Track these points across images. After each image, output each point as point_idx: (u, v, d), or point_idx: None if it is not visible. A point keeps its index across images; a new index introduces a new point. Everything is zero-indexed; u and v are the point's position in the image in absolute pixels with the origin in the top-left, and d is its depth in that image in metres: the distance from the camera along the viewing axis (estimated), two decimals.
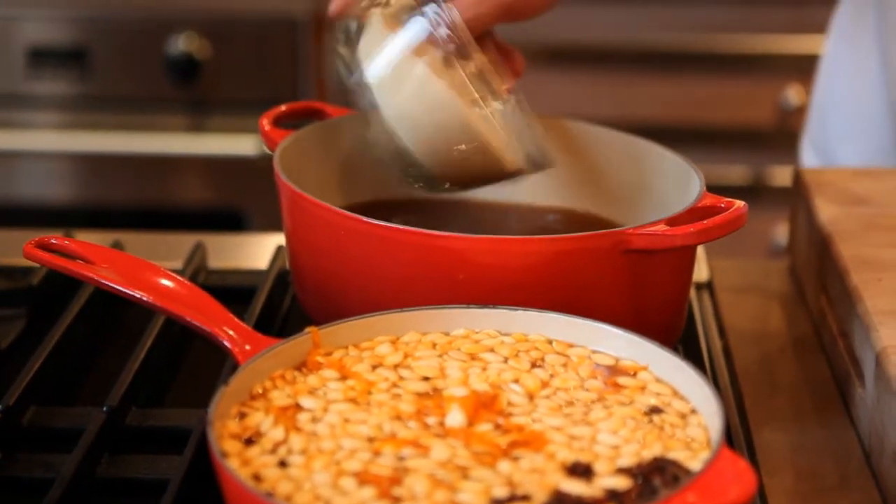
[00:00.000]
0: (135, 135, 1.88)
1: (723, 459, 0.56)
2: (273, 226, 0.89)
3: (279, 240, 0.92)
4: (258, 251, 0.98)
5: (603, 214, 0.86)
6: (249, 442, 0.60)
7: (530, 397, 0.64)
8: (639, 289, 0.73)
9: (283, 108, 0.87)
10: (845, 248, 0.86)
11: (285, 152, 0.81)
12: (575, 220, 0.86)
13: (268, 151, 0.82)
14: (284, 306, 0.89)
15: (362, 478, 0.57)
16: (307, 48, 1.87)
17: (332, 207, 0.74)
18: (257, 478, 0.58)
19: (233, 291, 0.85)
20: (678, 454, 0.59)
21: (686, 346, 0.82)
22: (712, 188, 0.76)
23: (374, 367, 0.66)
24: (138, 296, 0.72)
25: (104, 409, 0.73)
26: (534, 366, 0.66)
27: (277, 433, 0.60)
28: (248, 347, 0.67)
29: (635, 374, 0.66)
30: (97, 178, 1.94)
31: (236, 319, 0.70)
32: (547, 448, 0.60)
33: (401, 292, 0.71)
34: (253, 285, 0.88)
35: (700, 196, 0.75)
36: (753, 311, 0.93)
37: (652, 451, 0.59)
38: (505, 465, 0.58)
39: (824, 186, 0.95)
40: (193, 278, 0.89)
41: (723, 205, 0.74)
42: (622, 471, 0.58)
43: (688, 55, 1.98)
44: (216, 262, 0.95)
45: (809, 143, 1.24)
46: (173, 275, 0.73)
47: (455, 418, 0.62)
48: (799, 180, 0.98)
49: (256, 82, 1.87)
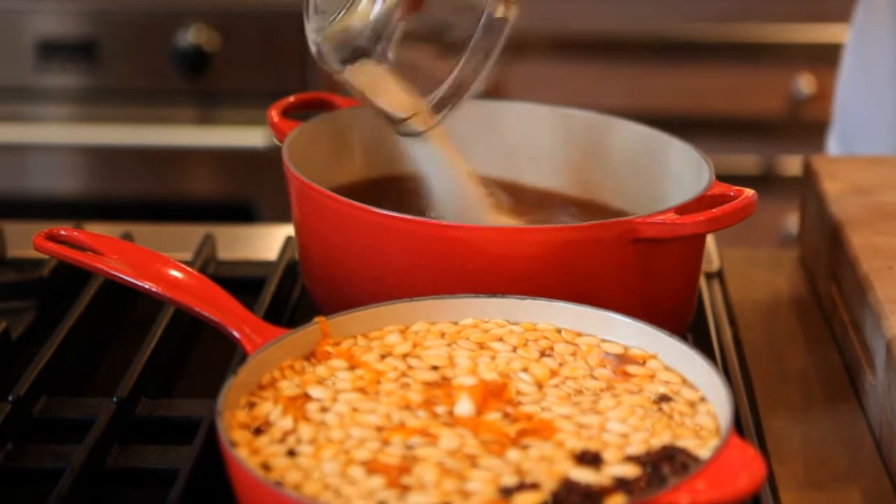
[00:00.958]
0: (144, 127, 1.88)
1: (732, 447, 0.56)
2: (282, 217, 0.89)
3: (288, 231, 0.92)
4: (267, 242, 0.98)
5: (612, 203, 0.86)
6: (258, 431, 0.60)
7: (539, 386, 0.64)
8: (648, 277, 0.73)
9: (292, 99, 0.87)
10: (856, 237, 0.86)
11: (294, 143, 0.81)
12: (584, 208, 0.86)
13: (277, 143, 0.83)
14: (294, 297, 0.89)
15: (371, 467, 0.57)
16: None
17: (340, 197, 0.74)
18: (266, 467, 0.58)
19: (242, 282, 0.85)
20: (687, 442, 0.59)
21: (696, 334, 0.82)
22: (723, 177, 0.76)
23: (383, 357, 0.66)
24: (148, 287, 0.72)
25: (114, 399, 0.73)
26: (543, 355, 0.66)
27: (286, 423, 0.61)
28: (257, 338, 0.67)
29: (644, 363, 0.66)
30: (107, 170, 1.94)
31: (245, 310, 0.70)
32: (556, 436, 0.60)
33: (409, 282, 0.72)
34: (262, 276, 0.88)
35: (710, 185, 0.75)
36: (763, 300, 0.93)
37: (661, 440, 0.59)
38: (514, 454, 0.58)
39: (834, 175, 0.95)
40: (203, 269, 0.89)
41: (732, 193, 0.74)
42: (631, 459, 0.58)
43: (698, 45, 1.98)
44: (225, 253, 0.95)
45: (834, 137, 1.24)
46: (183, 266, 0.73)
47: (464, 407, 0.62)
48: (809, 169, 0.97)
49: (265, 74, 1.87)
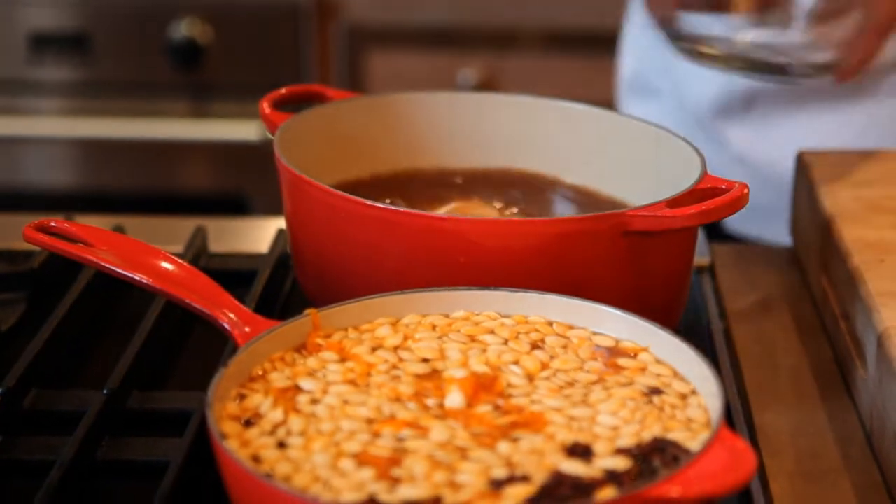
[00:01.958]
0: (137, 120, 1.89)
1: (722, 440, 0.56)
2: (275, 211, 0.89)
3: (280, 223, 0.92)
4: (259, 235, 0.98)
5: (605, 191, 0.86)
6: (249, 423, 0.60)
7: (530, 379, 0.64)
8: (639, 270, 0.73)
9: (284, 91, 0.87)
10: (847, 230, 0.86)
11: (285, 135, 0.81)
12: (579, 198, 0.86)
13: (270, 136, 0.82)
14: (285, 289, 0.89)
15: (361, 459, 0.57)
16: (310, 33, 1.86)
17: (332, 189, 0.74)
18: (256, 459, 0.58)
19: (234, 275, 0.85)
20: (678, 435, 0.59)
21: (687, 327, 0.82)
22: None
23: (374, 349, 0.66)
24: (139, 279, 0.72)
25: (105, 392, 0.73)
26: (534, 347, 0.66)
27: (277, 415, 0.61)
28: (247, 330, 0.67)
29: (635, 356, 0.66)
30: (99, 163, 1.94)
31: (236, 302, 0.70)
32: (546, 429, 0.60)
33: (401, 274, 0.72)
34: (254, 269, 0.88)
35: (701, 178, 0.75)
36: (755, 294, 0.93)
37: (651, 432, 0.59)
38: (504, 446, 0.58)
39: (827, 168, 0.95)
40: (194, 262, 0.89)
41: (724, 186, 0.74)
42: (621, 451, 0.58)
43: None
44: (217, 245, 0.95)
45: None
46: (173, 258, 0.73)
47: (454, 400, 0.62)
48: (801, 162, 0.97)
49: (259, 67, 1.87)
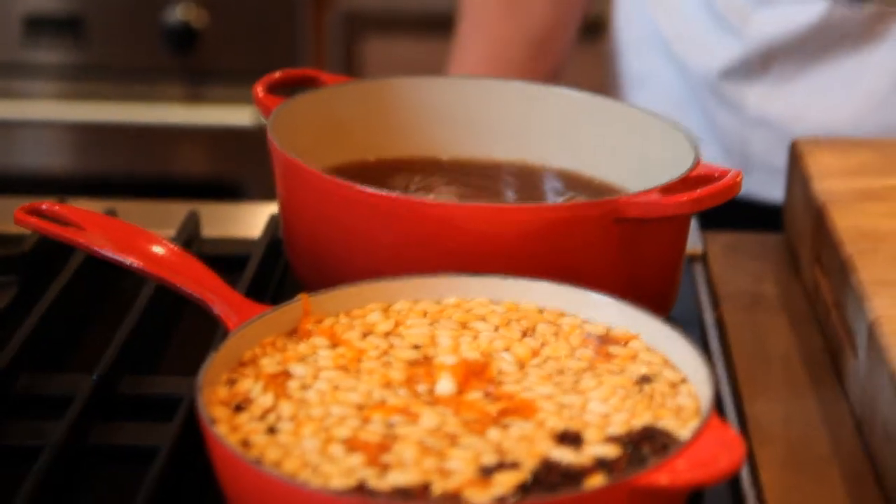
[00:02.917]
0: (131, 104, 1.89)
1: (712, 429, 0.56)
2: (269, 196, 0.89)
3: (273, 209, 0.92)
4: (252, 220, 0.98)
5: (598, 178, 0.85)
6: (239, 408, 0.60)
7: (521, 366, 0.64)
8: (631, 257, 0.73)
9: (278, 75, 0.87)
10: (840, 218, 0.86)
11: (279, 119, 0.80)
12: (572, 184, 0.86)
13: (263, 121, 0.82)
14: (277, 274, 0.88)
15: (351, 445, 0.57)
16: (305, 18, 1.86)
17: (324, 175, 0.74)
18: (246, 444, 0.58)
19: (226, 260, 0.85)
20: (668, 423, 0.59)
21: (679, 316, 0.82)
22: None
23: (365, 335, 0.66)
24: (130, 262, 0.72)
25: (94, 376, 0.73)
26: (525, 334, 0.66)
27: (267, 400, 0.60)
28: (238, 314, 0.67)
29: (626, 343, 0.66)
30: (94, 147, 1.94)
31: (228, 287, 0.70)
32: (537, 416, 0.60)
33: (392, 260, 0.71)
34: (246, 254, 0.87)
35: (694, 165, 0.75)
36: (747, 282, 0.93)
37: (641, 420, 0.59)
38: (494, 433, 0.58)
39: (820, 156, 0.95)
40: (187, 246, 0.89)
41: (717, 174, 0.74)
42: (611, 439, 0.58)
43: None
44: (210, 230, 0.95)
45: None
46: (166, 242, 0.73)
47: (445, 386, 0.62)
48: (795, 151, 0.97)
49: (254, 52, 1.87)
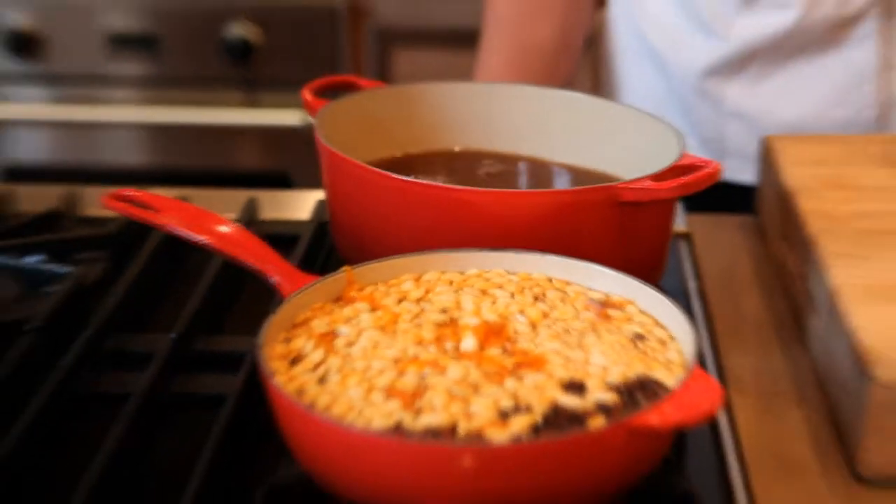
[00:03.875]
0: (198, 109, 1.88)
1: (696, 378, 0.56)
2: (315, 184, 0.89)
3: (319, 195, 0.92)
4: (302, 204, 0.98)
5: (597, 168, 0.86)
6: (294, 362, 0.61)
7: (533, 326, 0.64)
8: (628, 235, 0.73)
9: (322, 80, 0.87)
10: (804, 203, 0.86)
11: (324, 118, 0.80)
12: (577, 174, 0.86)
13: (311, 121, 0.82)
14: (324, 250, 0.89)
15: (389, 392, 0.57)
16: (344, 33, 1.86)
17: (363, 165, 0.74)
18: (300, 392, 0.58)
19: (280, 238, 0.85)
20: (658, 374, 0.60)
21: (667, 284, 0.82)
22: None
23: (400, 301, 0.66)
24: (200, 240, 0.72)
25: (172, 336, 0.73)
26: (536, 300, 0.66)
27: (318, 355, 0.61)
28: (292, 284, 0.68)
29: (623, 307, 0.66)
30: (167, 145, 1.94)
31: (283, 260, 0.70)
32: (546, 368, 0.60)
33: (423, 238, 0.71)
34: (297, 233, 0.88)
35: (680, 155, 0.75)
36: (725, 257, 0.93)
37: (636, 371, 0.60)
38: (510, 383, 0.58)
39: (788, 150, 0.95)
40: (247, 227, 0.89)
41: (700, 163, 0.74)
42: (610, 387, 0.58)
43: None
44: (266, 214, 0.95)
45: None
46: (230, 222, 0.73)
47: (468, 343, 0.62)
48: (766, 145, 0.97)
49: (302, 62, 1.86)
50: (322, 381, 0.59)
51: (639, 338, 0.63)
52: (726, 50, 1.10)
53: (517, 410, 0.56)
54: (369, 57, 1.90)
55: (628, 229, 0.73)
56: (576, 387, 0.58)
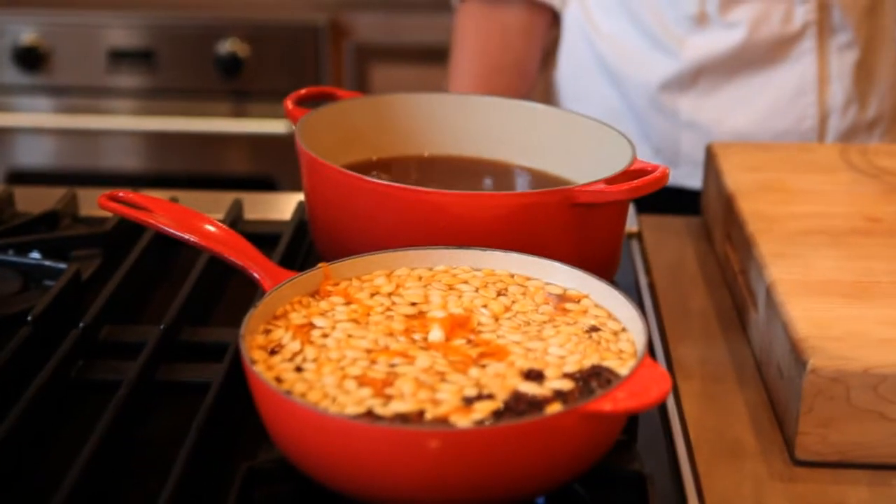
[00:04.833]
0: (190, 118, 1.87)
1: (646, 367, 0.55)
2: (298, 188, 0.88)
3: (300, 197, 0.91)
4: (283, 206, 0.97)
5: (554, 173, 0.84)
6: (273, 352, 0.59)
7: (496, 319, 0.63)
8: (583, 235, 0.72)
9: (304, 91, 0.85)
10: (745, 205, 0.85)
11: (304, 125, 0.79)
12: (536, 178, 0.85)
13: (293, 128, 0.81)
14: (303, 248, 0.87)
15: (361, 380, 0.56)
16: (326, 50, 1.85)
17: (339, 168, 0.73)
18: (279, 380, 0.57)
19: (263, 237, 0.84)
20: (611, 363, 0.58)
21: (620, 280, 0.81)
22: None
23: (372, 295, 0.65)
24: (188, 238, 0.71)
25: (161, 327, 0.72)
26: (499, 294, 0.65)
27: (295, 345, 0.60)
28: (273, 279, 0.66)
29: (579, 301, 0.65)
30: (161, 151, 1.92)
31: (264, 257, 0.69)
32: (508, 358, 0.59)
33: (393, 236, 0.70)
34: (279, 232, 0.86)
35: (632, 161, 0.74)
36: (673, 254, 0.92)
37: (590, 361, 0.59)
38: (475, 371, 0.57)
39: (730, 156, 0.94)
40: (232, 226, 0.88)
41: (650, 168, 0.73)
42: (567, 376, 0.57)
43: None
44: (250, 214, 0.94)
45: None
46: (216, 222, 0.72)
47: (436, 335, 0.61)
48: (710, 151, 0.97)
49: (287, 76, 1.85)
50: (299, 369, 0.58)
51: (594, 329, 0.62)
52: (679, 66, 1.10)
53: (480, 397, 0.55)
54: (349, 71, 1.89)
55: (584, 229, 0.72)
56: (535, 375, 0.57)
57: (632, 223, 0.92)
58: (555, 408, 0.54)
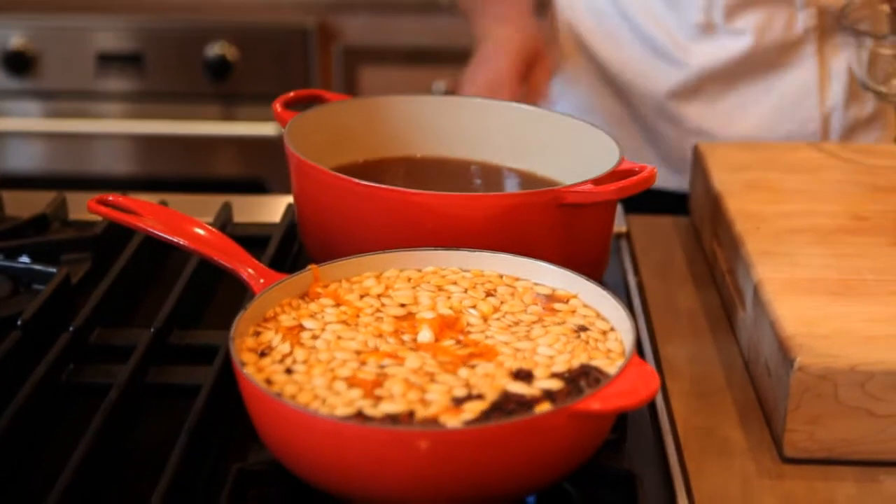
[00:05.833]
0: (180, 121, 1.87)
1: (634, 366, 0.55)
2: (286, 190, 0.88)
3: (290, 200, 0.91)
4: (273, 208, 0.97)
5: (541, 173, 0.84)
6: (263, 354, 0.59)
7: (484, 319, 0.63)
8: (571, 234, 0.72)
9: (292, 94, 0.85)
10: (732, 204, 0.85)
11: (293, 128, 0.79)
12: (525, 179, 0.85)
13: (282, 131, 0.81)
14: (292, 250, 0.87)
15: (351, 382, 0.56)
16: (315, 52, 1.85)
17: (328, 171, 0.73)
18: (269, 382, 0.57)
19: (252, 239, 0.84)
20: (599, 362, 0.59)
21: (609, 279, 0.82)
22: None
23: (362, 296, 0.65)
24: (178, 241, 0.70)
25: (152, 330, 0.72)
26: (488, 295, 0.65)
27: (285, 347, 0.60)
28: (262, 281, 0.66)
29: (568, 301, 0.65)
30: (150, 154, 1.92)
31: (254, 259, 0.69)
32: (497, 358, 0.59)
33: (383, 238, 0.70)
34: (269, 234, 0.86)
35: (619, 162, 0.74)
36: (661, 254, 0.92)
37: (579, 360, 0.59)
38: (464, 372, 0.57)
39: (717, 157, 0.95)
40: (222, 229, 0.88)
41: (637, 169, 0.73)
42: (556, 375, 0.57)
43: None
44: (240, 217, 0.94)
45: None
46: (206, 225, 0.72)
47: (425, 335, 0.61)
48: (697, 153, 0.97)
49: (276, 79, 1.85)
50: (289, 371, 0.58)
51: (582, 329, 0.62)
52: (685, 74, 1.11)
53: (470, 398, 0.55)
54: (337, 73, 1.88)
55: (572, 229, 0.72)
56: (524, 375, 0.57)
57: (620, 223, 0.92)
58: (544, 407, 0.54)
